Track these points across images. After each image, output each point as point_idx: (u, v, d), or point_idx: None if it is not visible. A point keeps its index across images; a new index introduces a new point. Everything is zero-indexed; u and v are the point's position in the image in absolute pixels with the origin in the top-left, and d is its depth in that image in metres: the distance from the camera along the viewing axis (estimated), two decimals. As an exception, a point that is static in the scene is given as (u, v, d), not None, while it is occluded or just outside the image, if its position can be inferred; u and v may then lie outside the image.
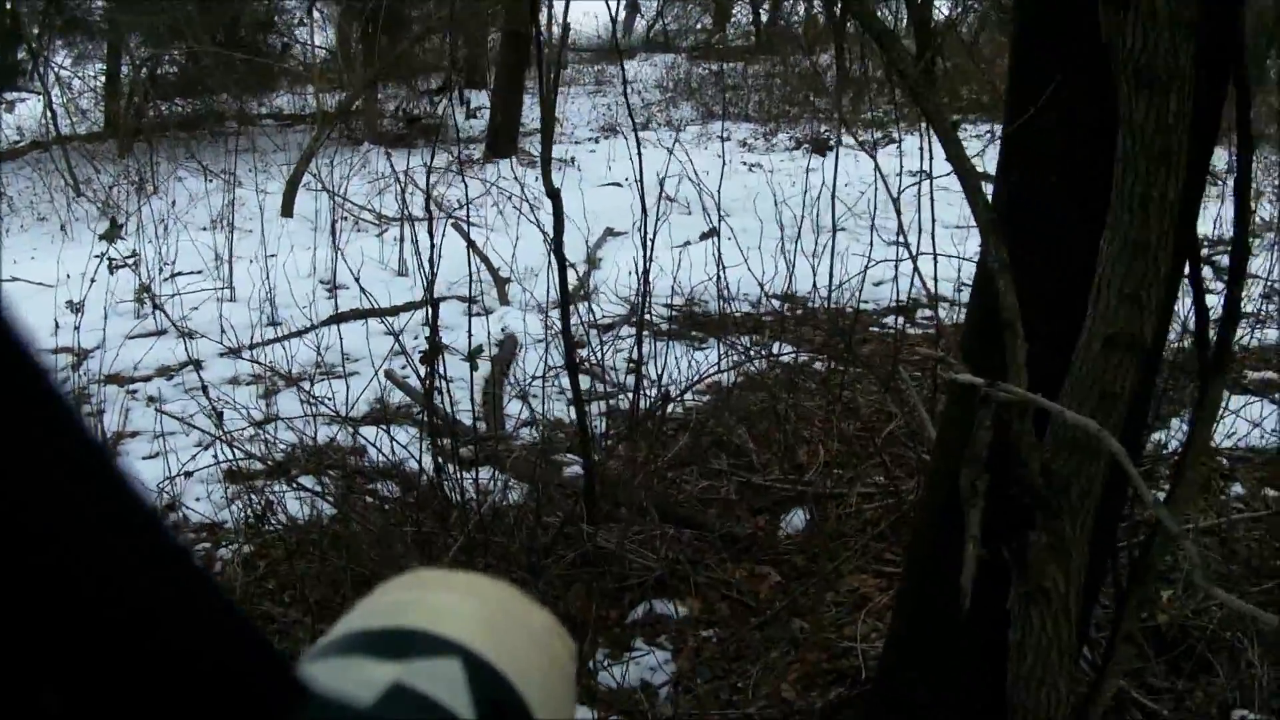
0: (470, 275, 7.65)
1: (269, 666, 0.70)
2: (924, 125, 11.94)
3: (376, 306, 7.75)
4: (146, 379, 9.81)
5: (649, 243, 6.43)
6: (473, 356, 6.10)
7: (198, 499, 7.31)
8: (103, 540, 0.61)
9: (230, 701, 0.66)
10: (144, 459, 8.09)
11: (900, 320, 9.42)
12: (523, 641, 0.89)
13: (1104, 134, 3.25)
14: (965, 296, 8.63)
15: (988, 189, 3.61)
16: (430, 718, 0.77)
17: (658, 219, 6.60)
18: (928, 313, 10.21)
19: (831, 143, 19.29)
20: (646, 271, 6.45)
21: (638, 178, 6.57)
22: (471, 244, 8.87)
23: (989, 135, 16.87)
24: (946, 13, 23.95)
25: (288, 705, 0.70)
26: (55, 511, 0.58)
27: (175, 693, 0.62)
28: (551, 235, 6.07)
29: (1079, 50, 3.38)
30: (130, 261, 9.23)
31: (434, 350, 5.75)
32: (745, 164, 17.60)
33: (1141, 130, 3.04)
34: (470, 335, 6.35)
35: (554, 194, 5.96)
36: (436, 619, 0.85)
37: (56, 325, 8.91)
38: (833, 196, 8.23)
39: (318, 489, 6.59)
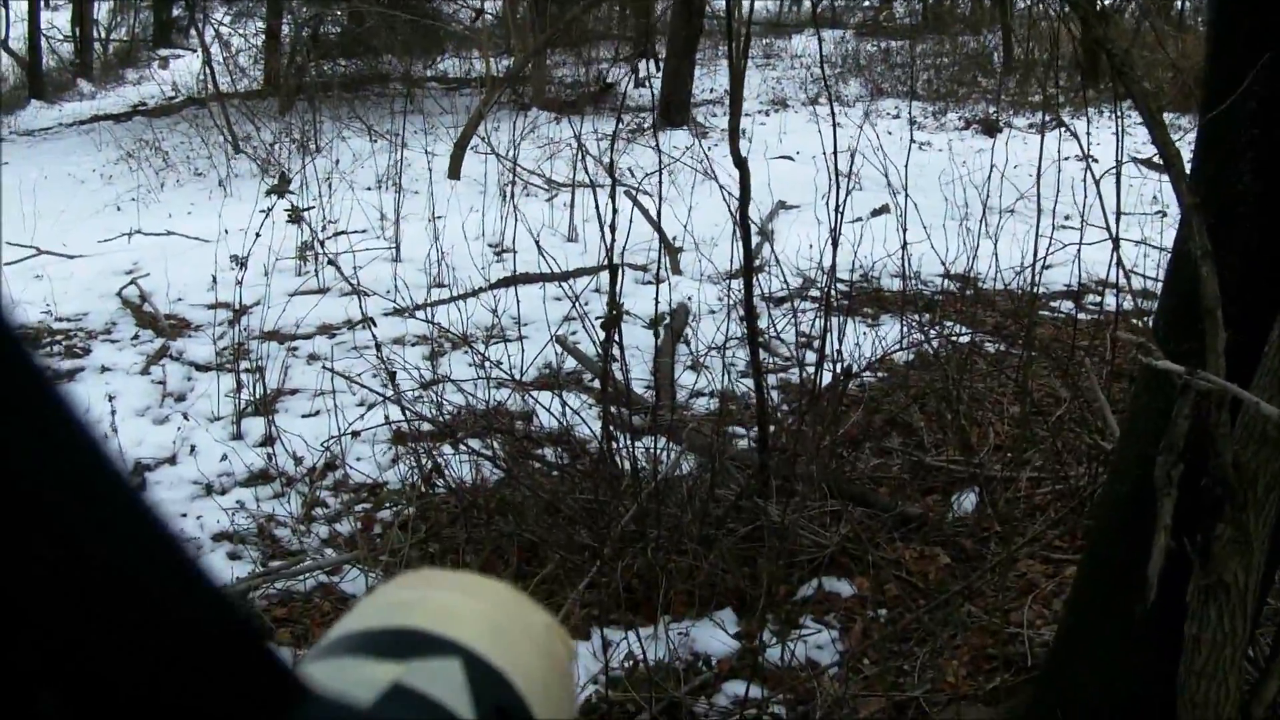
0: (660, 243, 7.65)
1: (268, 666, 0.70)
2: (1089, 110, 11.84)
3: (552, 271, 7.74)
4: (308, 336, 9.90)
5: (837, 216, 6.36)
6: (656, 324, 6.09)
7: (359, 459, 7.37)
8: (100, 541, 0.61)
9: (229, 702, 0.66)
10: (303, 416, 8.18)
11: (1073, 305, 9.32)
12: (524, 642, 0.89)
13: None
14: (1136, 283, 8.55)
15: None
16: (430, 718, 0.76)
17: (848, 193, 6.53)
18: (1094, 298, 10.10)
19: (1002, 124, 19.17)
20: (835, 245, 6.39)
21: (832, 150, 6.51)
22: (645, 213, 8.87)
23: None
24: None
25: (287, 705, 0.70)
26: (50, 513, 0.58)
27: (173, 693, 0.63)
28: (737, 205, 6.04)
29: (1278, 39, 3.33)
30: (307, 210, 9.31)
31: (615, 318, 5.74)
32: (915, 142, 17.52)
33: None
34: (657, 303, 6.34)
35: (741, 164, 5.91)
36: (437, 619, 0.85)
37: (214, 280, 9.01)
38: (1087, 176, 8.05)
39: (487, 453, 6.62)
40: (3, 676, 0.57)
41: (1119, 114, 7.57)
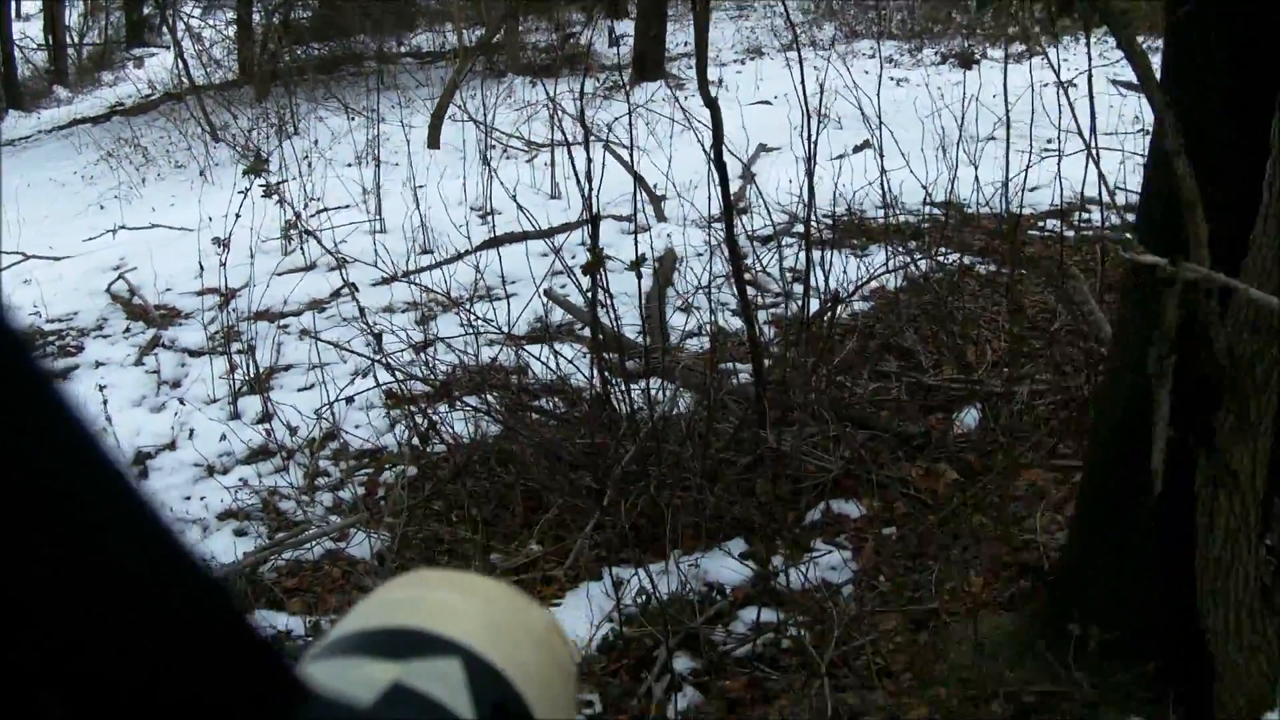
0: (640, 190, 7.64)
1: (268, 666, 0.70)
2: (1065, 39, 11.87)
3: (534, 228, 7.73)
4: (297, 313, 9.88)
5: (812, 144, 6.34)
6: (637, 265, 6.07)
7: (357, 426, 7.38)
8: (101, 541, 0.61)
9: (229, 702, 0.66)
10: (299, 390, 8.20)
11: (1060, 224, 9.30)
12: (523, 641, 0.89)
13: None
14: (1120, 199, 8.55)
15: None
16: (430, 718, 0.77)
17: (822, 124, 6.51)
18: (1082, 215, 10.09)
19: (977, 56, 19.15)
20: (810, 176, 6.37)
21: (800, 82, 6.49)
22: (622, 161, 8.86)
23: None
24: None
25: (287, 705, 0.70)
26: (52, 513, 0.58)
27: (174, 693, 0.62)
28: (711, 145, 6.04)
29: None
30: (281, 184, 9.28)
31: (596, 261, 5.74)
32: (892, 79, 17.55)
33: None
34: (637, 248, 6.33)
35: (711, 103, 5.92)
36: (437, 618, 0.85)
37: (201, 267, 9.01)
38: (1059, 96, 8.09)
39: (483, 408, 6.63)
40: (3, 676, 0.56)
41: (1089, 37, 7.62)
